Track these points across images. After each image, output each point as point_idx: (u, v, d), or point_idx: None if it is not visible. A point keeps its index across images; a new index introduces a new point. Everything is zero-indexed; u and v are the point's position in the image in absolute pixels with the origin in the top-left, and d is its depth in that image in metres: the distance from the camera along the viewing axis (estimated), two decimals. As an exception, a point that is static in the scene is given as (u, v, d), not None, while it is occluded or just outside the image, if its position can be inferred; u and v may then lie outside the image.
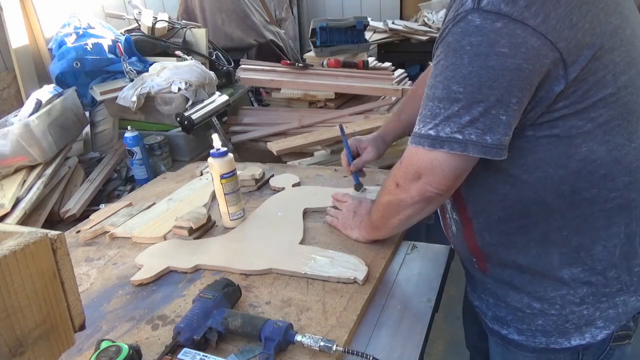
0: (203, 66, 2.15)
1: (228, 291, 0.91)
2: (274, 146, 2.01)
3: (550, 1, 0.69)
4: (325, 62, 2.60)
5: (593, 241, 0.84)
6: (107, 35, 2.26)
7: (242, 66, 2.56)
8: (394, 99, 2.36)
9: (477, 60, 0.72)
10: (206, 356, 0.80)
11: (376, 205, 1.02)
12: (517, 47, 0.70)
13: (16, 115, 1.82)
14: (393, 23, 3.90)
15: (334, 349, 0.79)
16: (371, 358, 0.77)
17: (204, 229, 1.22)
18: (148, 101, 1.98)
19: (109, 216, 1.34)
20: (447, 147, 0.77)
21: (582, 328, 0.89)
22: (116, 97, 1.99)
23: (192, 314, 0.86)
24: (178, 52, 2.33)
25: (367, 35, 3.25)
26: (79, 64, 2.08)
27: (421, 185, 0.84)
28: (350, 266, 1.00)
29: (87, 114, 2.14)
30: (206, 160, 1.23)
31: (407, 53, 3.76)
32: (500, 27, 0.70)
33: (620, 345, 0.90)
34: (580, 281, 0.86)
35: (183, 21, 2.74)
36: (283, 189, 1.40)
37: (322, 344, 0.79)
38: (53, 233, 0.56)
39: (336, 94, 2.38)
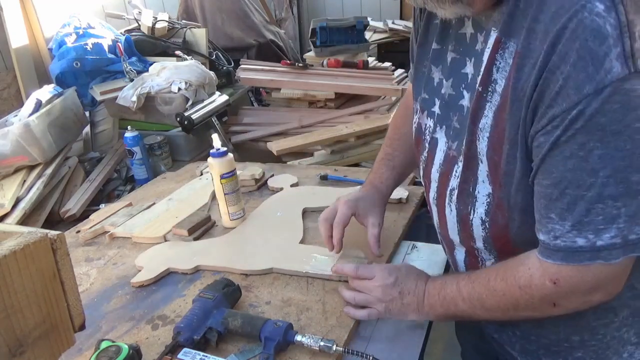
0: (203, 66, 2.16)
1: (228, 291, 0.91)
2: (274, 146, 2.01)
3: None
4: (325, 62, 2.60)
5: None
6: (107, 35, 2.26)
7: (242, 66, 2.56)
8: (394, 98, 2.36)
9: None
10: (206, 356, 0.80)
11: (483, 309, 0.78)
12: None
13: (16, 115, 1.82)
14: (393, 23, 3.90)
15: (334, 349, 0.79)
16: (371, 358, 0.77)
17: (204, 229, 1.22)
18: (148, 101, 1.98)
19: (109, 216, 1.34)
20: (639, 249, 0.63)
21: (620, 349, 0.82)
22: (116, 97, 1.99)
23: (192, 314, 0.86)
24: (178, 52, 2.33)
25: (367, 35, 3.25)
26: (79, 64, 2.08)
27: (595, 299, 0.70)
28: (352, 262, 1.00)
29: (87, 114, 2.15)
30: (206, 160, 1.23)
31: (407, 53, 3.73)
32: None
33: None
34: (625, 305, 0.78)
35: (183, 21, 2.74)
36: (281, 189, 1.40)
37: (322, 344, 0.79)
38: (53, 233, 0.56)
39: (336, 94, 2.38)
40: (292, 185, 1.41)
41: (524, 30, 0.64)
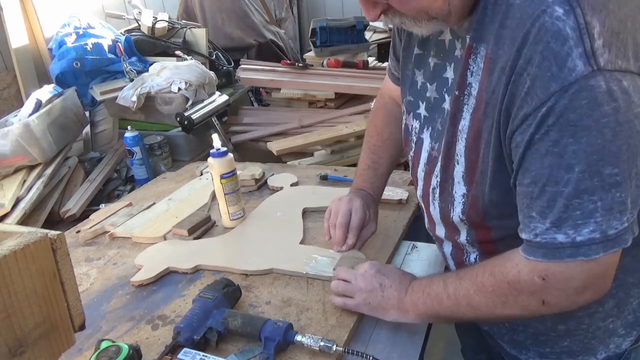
0: (203, 66, 2.16)
1: (228, 291, 0.91)
2: (274, 146, 2.01)
3: None
4: (325, 62, 2.60)
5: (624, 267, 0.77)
6: (107, 35, 2.26)
7: (242, 66, 2.56)
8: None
9: (622, 131, 0.60)
10: (206, 356, 0.80)
11: (468, 307, 0.77)
12: None
13: (16, 115, 1.82)
14: (393, 23, 3.89)
15: (334, 349, 0.79)
16: (371, 358, 0.77)
17: (204, 229, 1.22)
18: (148, 101, 1.98)
19: (109, 216, 1.34)
20: (620, 244, 0.65)
21: (606, 340, 0.84)
22: (116, 97, 2.00)
23: (192, 313, 0.86)
24: (178, 52, 2.33)
25: (367, 35, 3.25)
26: (79, 64, 2.08)
27: (586, 297, 0.70)
28: (350, 264, 1.00)
29: (87, 114, 2.15)
30: (206, 160, 1.23)
31: (407, 53, 3.76)
32: (627, 86, 0.60)
33: (636, 347, 0.87)
34: (609, 295, 0.79)
35: (183, 21, 2.74)
36: (281, 188, 1.40)
37: (322, 344, 0.79)
38: (53, 233, 0.56)
39: (336, 94, 2.38)
40: (292, 185, 1.41)
41: (493, 36, 0.68)
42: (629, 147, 0.61)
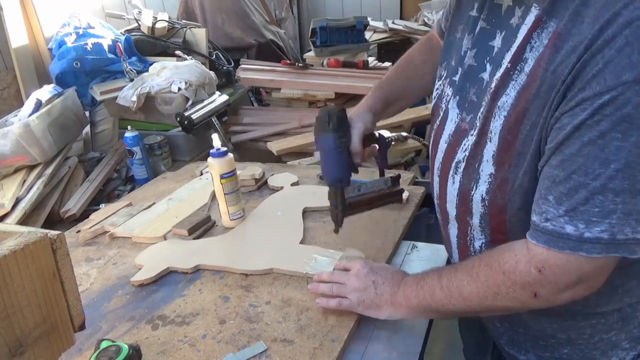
0: (203, 66, 2.15)
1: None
2: (274, 146, 2.01)
3: None
4: (325, 62, 2.60)
5: (631, 278, 0.77)
6: (107, 35, 2.26)
7: (242, 66, 2.56)
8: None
9: None
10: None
11: (460, 298, 0.76)
12: None
13: (16, 115, 1.82)
14: (393, 23, 3.89)
15: None
16: None
17: (204, 228, 1.22)
18: (148, 101, 1.98)
19: (109, 216, 1.34)
20: (625, 252, 0.62)
21: (608, 352, 0.82)
22: (116, 97, 1.99)
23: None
24: (178, 52, 2.33)
25: (367, 35, 3.25)
26: (79, 64, 2.08)
27: (576, 292, 0.68)
28: None
29: (87, 113, 2.15)
30: (206, 160, 1.23)
31: (407, 53, 3.76)
32: None
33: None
34: (613, 310, 0.79)
35: (183, 21, 2.74)
36: (282, 188, 1.40)
37: None
38: (53, 233, 0.56)
39: (336, 93, 2.38)
40: (292, 185, 1.41)
41: (569, 12, 0.63)
42: None
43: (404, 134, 1.02)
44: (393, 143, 0.98)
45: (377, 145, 1.05)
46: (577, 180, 0.62)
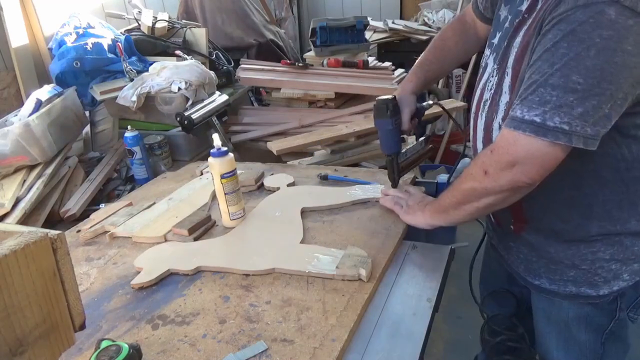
0: (203, 66, 2.15)
1: None
2: (274, 146, 2.01)
3: None
4: (325, 62, 2.60)
5: (630, 215, 0.93)
6: (107, 35, 2.26)
7: (242, 66, 2.56)
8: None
9: (604, 55, 0.73)
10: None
11: (452, 190, 1.00)
12: None
13: (16, 115, 1.82)
14: (393, 23, 3.90)
15: None
16: None
17: (204, 228, 1.22)
18: (148, 101, 1.97)
19: (109, 216, 1.34)
20: (552, 137, 0.78)
21: (610, 282, 0.97)
22: (116, 97, 1.99)
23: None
24: (178, 52, 2.33)
25: (367, 35, 3.25)
26: (79, 64, 2.08)
27: (514, 174, 0.84)
28: (353, 262, 1.00)
29: (87, 113, 2.15)
30: (206, 159, 1.23)
31: (407, 53, 3.75)
32: (631, 25, 0.72)
33: None
34: (612, 243, 0.95)
35: (183, 21, 2.74)
36: (278, 188, 1.40)
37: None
38: (53, 233, 0.56)
39: (336, 93, 2.38)
40: (288, 185, 1.41)
41: None
42: (601, 70, 0.73)
43: (430, 102, 1.33)
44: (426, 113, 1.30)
45: (417, 119, 1.29)
46: (532, 78, 0.80)
